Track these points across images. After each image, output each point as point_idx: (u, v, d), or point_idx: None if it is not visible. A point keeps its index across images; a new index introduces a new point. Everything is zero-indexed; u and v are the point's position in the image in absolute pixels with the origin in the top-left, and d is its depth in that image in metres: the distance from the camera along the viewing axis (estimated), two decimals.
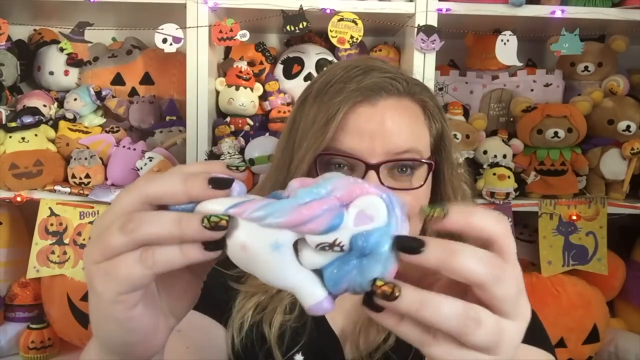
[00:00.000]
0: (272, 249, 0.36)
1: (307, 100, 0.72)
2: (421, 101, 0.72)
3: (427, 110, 0.72)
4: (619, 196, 1.41)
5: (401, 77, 0.71)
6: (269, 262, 0.36)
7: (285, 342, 0.72)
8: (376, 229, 0.35)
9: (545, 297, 1.32)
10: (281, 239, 0.36)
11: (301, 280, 0.37)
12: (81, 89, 1.47)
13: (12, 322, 1.42)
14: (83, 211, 1.33)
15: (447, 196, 0.73)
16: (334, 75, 0.71)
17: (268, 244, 0.36)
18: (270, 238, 0.36)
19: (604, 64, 1.48)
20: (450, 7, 1.30)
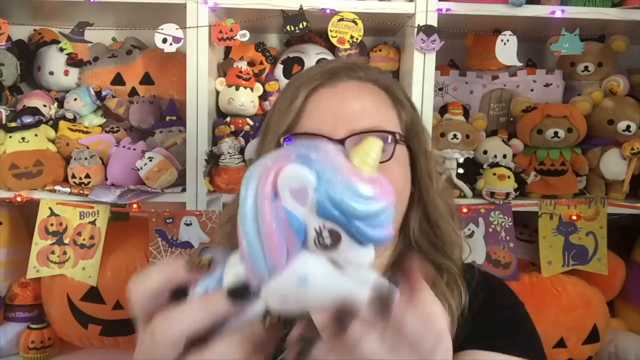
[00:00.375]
0: (300, 281, 0.36)
1: (279, 94, 0.76)
2: (386, 87, 0.72)
3: (394, 95, 0.72)
4: (619, 196, 1.41)
5: (365, 67, 0.72)
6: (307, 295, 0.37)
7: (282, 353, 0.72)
8: (320, 193, 0.35)
9: (545, 297, 1.32)
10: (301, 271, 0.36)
11: (342, 290, 0.37)
12: (81, 89, 1.47)
13: (12, 322, 1.42)
14: (83, 211, 1.33)
15: (424, 184, 0.72)
16: (303, 70, 0.74)
17: (296, 279, 0.36)
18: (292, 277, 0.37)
19: (604, 64, 1.48)
20: (450, 7, 1.30)
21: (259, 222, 0.35)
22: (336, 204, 0.35)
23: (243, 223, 0.36)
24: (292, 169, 0.35)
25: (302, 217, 0.36)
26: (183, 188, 1.33)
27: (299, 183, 0.35)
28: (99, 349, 1.40)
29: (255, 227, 0.36)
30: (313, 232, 0.36)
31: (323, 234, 0.36)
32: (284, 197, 0.35)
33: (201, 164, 1.31)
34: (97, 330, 1.35)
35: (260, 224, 0.35)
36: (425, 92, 1.32)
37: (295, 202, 0.35)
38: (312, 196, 0.35)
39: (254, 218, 0.36)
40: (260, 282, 0.37)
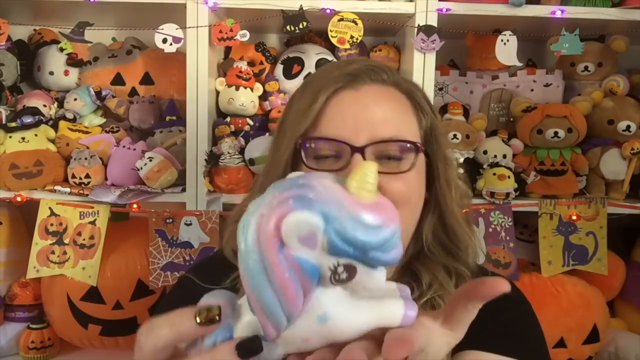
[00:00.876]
0: (320, 321, 0.36)
1: (295, 94, 0.73)
2: (408, 91, 0.70)
3: (415, 101, 0.70)
4: (619, 196, 1.41)
5: (387, 68, 0.70)
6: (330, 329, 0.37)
7: None
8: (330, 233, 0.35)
9: (545, 297, 1.32)
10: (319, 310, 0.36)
11: (371, 315, 0.37)
12: (81, 89, 1.47)
13: (12, 322, 1.42)
14: (83, 211, 1.33)
15: (442, 191, 0.71)
16: (322, 68, 0.72)
17: (316, 319, 0.36)
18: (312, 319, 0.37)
19: (604, 64, 1.48)
20: (450, 7, 1.30)
21: (269, 274, 0.35)
22: (349, 241, 0.34)
23: (251, 278, 0.35)
24: (296, 218, 0.34)
25: (315, 260, 0.35)
26: (183, 188, 1.33)
27: (308, 230, 0.34)
28: (99, 349, 1.40)
29: (265, 280, 0.35)
30: (328, 271, 0.35)
31: (338, 270, 0.35)
32: (294, 247, 0.34)
33: (201, 164, 1.31)
34: (97, 330, 1.35)
35: (270, 277, 0.35)
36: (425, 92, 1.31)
37: (305, 248, 0.35)
38: (322, 238, 0.34)
39: (262, 271, 0.35)
40: (277, 330, 0.36)
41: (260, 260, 0.35)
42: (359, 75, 0.67)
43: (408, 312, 0.37)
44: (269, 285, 0.35)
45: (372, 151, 0.64)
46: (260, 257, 0.35)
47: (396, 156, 0.65)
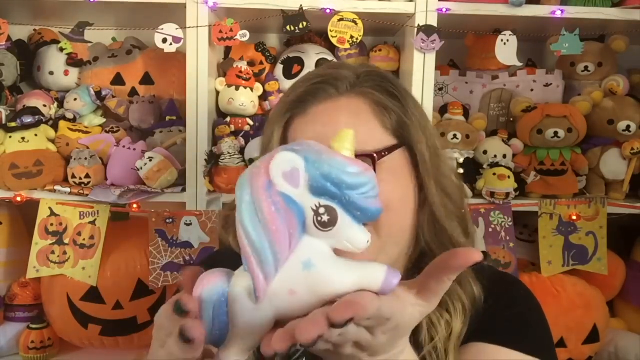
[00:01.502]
0: (305, 267, 0.38)
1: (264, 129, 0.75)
2: (363, 94, 0.67)
3: (375, 102, 0.66)
4: (619, 196, 1.41)
5: (341, 77, 0.67)
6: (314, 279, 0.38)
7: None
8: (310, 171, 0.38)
9: (545, 297, 1.32)
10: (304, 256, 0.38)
11: (353, 274, 0.39)
12: (81, 89, 1.47)
13: (12, 322, 1.42)
14: (83, 211, 1.33)
15: (428, 184, 0.67)
16: (281, 97, 0.73)
17: (300, 265, 0.38)
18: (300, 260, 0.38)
19: (604, 64, 1.48)
20: (450, 7, 1.30)
21: (258, 213, 0.37)
22: (327, 177, 0.38)
23: (242, 220, 0.38)
24: (281, 156, 0.38)
25: (298, 198, 0.38)
26: (183, 188, 1.33)
27: (290, 165, 0.38)
28: (99, 349, 1.40)
29: (255, 219, 0.37)
30: (311, 212, 0.38)
31: (320, 211, 0.38)
32: (278, 183, 0.38)
33: (201, 164, 1.31)
34: (97, 330, 1.35)
35: (259, 215, 0.37)
36: (425, 92, 1.31)
37: (289, 185, 0.38)
38: (304, 176, 0.38)
39: (253, 211, 0.38)
40: (267, 279, 0.38)
41: (251, 202, 0.38)
42: (304, 99, 0.67)
43: (389, 277, 0.38)
44: (258, 224, 0.37)
45: None
46: (251, 198, 0.38)
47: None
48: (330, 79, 0.67)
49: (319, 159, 0.38)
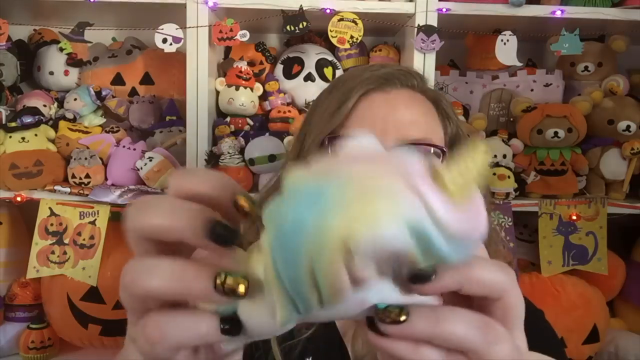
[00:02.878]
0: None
1: (322, 94, 0.73)
2: (434, 99, 0.72)
3: (441, 108, 0.72)
4: (619, 196, 1.41)
5: (416, 74, 0.72)
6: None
7: (290, 340, 0.71)
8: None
9: (545, 297, 1.32)
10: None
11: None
12: (81, 89, 1.47)
13: (12, 322, 1.42)
14: (83, 211, 1.33)
15: None
16: (352, 70, 0.74)
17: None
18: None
19: (604, 64, 1.48)
20: (450, 7, 1.30)
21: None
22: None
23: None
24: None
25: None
26: None
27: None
28: (99, 349, 1.40)
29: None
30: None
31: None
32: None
33: (201, 164, 1.31)
34: (97, 330, 1.35)
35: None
36: None
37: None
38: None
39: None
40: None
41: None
42: (390, 79, 0.68)
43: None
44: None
45: None
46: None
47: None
48: (412, 72, 0.71)
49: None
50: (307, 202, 0.25)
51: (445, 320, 0.29)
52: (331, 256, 0.25)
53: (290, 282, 0.26)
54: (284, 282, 0.26)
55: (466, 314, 0.29)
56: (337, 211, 0.24)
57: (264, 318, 0.28)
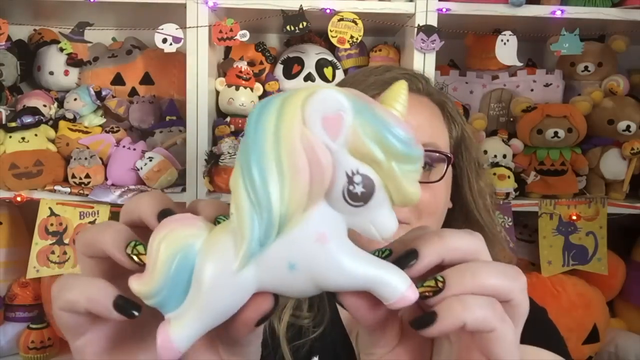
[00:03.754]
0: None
1: None
2: (440, 102, 0.72)
3: (447, 111, 0.72)
4: (619, 196, 1.41)
5: (421, 77, 0.72)
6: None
7: (299, 339, 0.71)
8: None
9: (545, 297, 1.32)
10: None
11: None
12: (81, 89, 1.47)
13: (12, 322, 1.42)
14: (83, 211, 1.33)
15: (471, 202, 0.72)
16: (355, 74, 0.73)
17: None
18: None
19: (604, 64, 1.48)
20: (450, 7, 1.30)
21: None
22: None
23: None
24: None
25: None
26: (183, 188, 1.33)
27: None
28: None
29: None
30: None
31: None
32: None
33: (201, 164, 1.31)
34: None
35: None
36: None
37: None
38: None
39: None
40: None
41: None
42: None
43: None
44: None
45: None
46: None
47: (427, 162, 0.67)
48: (417, 75, 0.71)
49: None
50: (261, 108, 0.29)
51: (479, 271, 0.31)
52: (287, 125, 0.28)
53: (255, 176, 0.28)
54: (248, 185, 0.28)
55: (494, 264, 0.32)
56: (286, 97, 0.29)
57: (222, 260, 0.29)
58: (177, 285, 0.30)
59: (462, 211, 0.73)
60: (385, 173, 0.29)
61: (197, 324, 0.30)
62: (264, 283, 0.30)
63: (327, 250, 0.29)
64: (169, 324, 0.30)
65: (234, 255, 0.29)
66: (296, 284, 0.30)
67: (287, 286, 0.30)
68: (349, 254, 0.30)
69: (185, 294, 0.30)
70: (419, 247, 0.31)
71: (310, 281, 0.30)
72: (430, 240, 0.32)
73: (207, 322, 0.30)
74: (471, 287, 0.31)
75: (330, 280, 0.29)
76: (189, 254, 0.30)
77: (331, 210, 0.29)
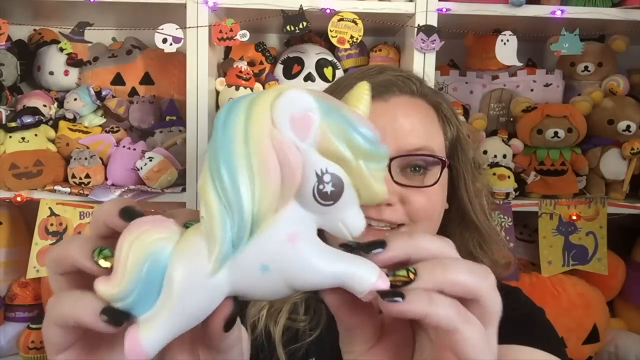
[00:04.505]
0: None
1: None
2: (435, 103, 0.71)
3: (441, 112, 0.71)
4: (619, 196, 1.41)
5: (415, 78, 0.71)
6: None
7: (295, 343, 0.70)
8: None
9: (545, 297, 1.32)
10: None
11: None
12: (81, 89, 1.47)
13: (12, 322, 1.42)
14: (83, 211, 1.33)
15: (467, 204, 0.72)
16: (348, 76, 0.72)
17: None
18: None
19: (604, 64, 1.48)
20: (450, 7, 1.30)
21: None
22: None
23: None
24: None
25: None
26: (183, 188, 1.33)
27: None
28: None
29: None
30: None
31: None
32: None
33: (201, 164, 1.31)
34: None
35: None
36: None
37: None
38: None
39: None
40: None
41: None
42: (388, 87, 0.68)
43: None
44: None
45: (398, 162, 0.65)
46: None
47: (422, 165, 0.66)
48: (411, 77, 0.70)
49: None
50: (229, 109, 0.29)
51: (450, 267, 0.31)
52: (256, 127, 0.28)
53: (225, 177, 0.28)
54: (218, 187, 0.28)
55: (463, 261, 0.33)
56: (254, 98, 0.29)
57: (195, 263, 0.29)
58: (147, 288, 0.29)
59: (459, 212, 0.73)
60: (354, 171, 0.30)
61: (167, 327, 0.29)
62: (236, 286, 0.30)
63: (298, 250, 0.29)
64: (138, 328, 0.29)
65: (207, 258, 0.29)
66: (269, 285, 0.30)
67: (259, 288, 0.30)
68: (319, 253, 0.30)
69: (156, 297, 0.30)
70: (388, 239, 0.32)
71: (282, 282, 0.30)
72: (400, 236, 0.33)
73: (178, 325, 0.30)
74: (442, 280, 0.31)
75: (302, 279, 0.30)
76: (160, 257, 0.29)
77: (302, 210, 0.30)
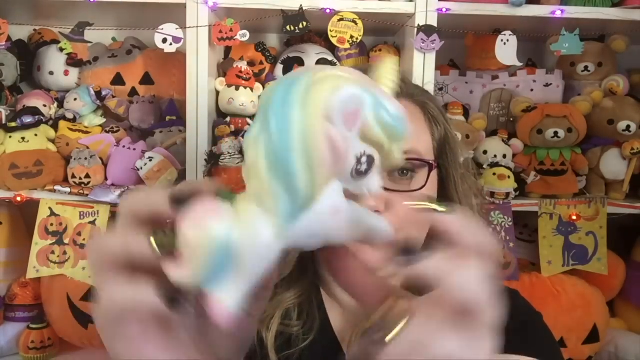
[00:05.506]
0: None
1: None
2: (421, 103, 0.70)
3: (428, 112, 0.70)
4: (619, 196, 1.41)
5: (403, 79, 0.70)
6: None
7: (289, 349, 0.70)
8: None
9: (545, 297, 1.32)
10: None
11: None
12: (81, 89, 1.47)
13: (12, 322, 1.42)
14: (83, 211, 1.33)
15: (454, 202, 0.71)
16: None
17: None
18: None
19: (604, 64, 1.48)
20: (450, 7, 1.30)
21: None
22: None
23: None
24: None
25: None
26: None
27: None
28: (99, 349, 1.40)
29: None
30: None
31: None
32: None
33: (201, 164, 1.31)
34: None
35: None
36: None
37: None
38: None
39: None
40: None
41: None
42: None
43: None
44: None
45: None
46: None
47: (409, 169, 0.65)
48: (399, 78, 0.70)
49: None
50: (284, 97, 0.32)
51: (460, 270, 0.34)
52: (313, 122, 0.31)
53: (284, 161, 0.31)
54: (280, 173, 0.31)
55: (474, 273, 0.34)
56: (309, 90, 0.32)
57: (258, 237, 0.32)
58: (218, 267, 0.32)
59: None
60: (385, 153, 0.34)
61: (240, 290, 0.33)
62: (288, 246, 0.34)
63: (340, 220, 0.34)
64: (216, 296, 0.33)
65: (267, 229, 0.32)
66: (314, 241, 0.35)
67: (309, 245, 0.35)
68: (353, 216, 0.35)
69: (225, 271, 0.33)
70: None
71: (323, 241, 0.35)
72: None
73: (248, 286, 0.34)
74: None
75: (338, 239, 0.35)
76: (224, 236, 0.32)
77: (339, 184, 0.34)
